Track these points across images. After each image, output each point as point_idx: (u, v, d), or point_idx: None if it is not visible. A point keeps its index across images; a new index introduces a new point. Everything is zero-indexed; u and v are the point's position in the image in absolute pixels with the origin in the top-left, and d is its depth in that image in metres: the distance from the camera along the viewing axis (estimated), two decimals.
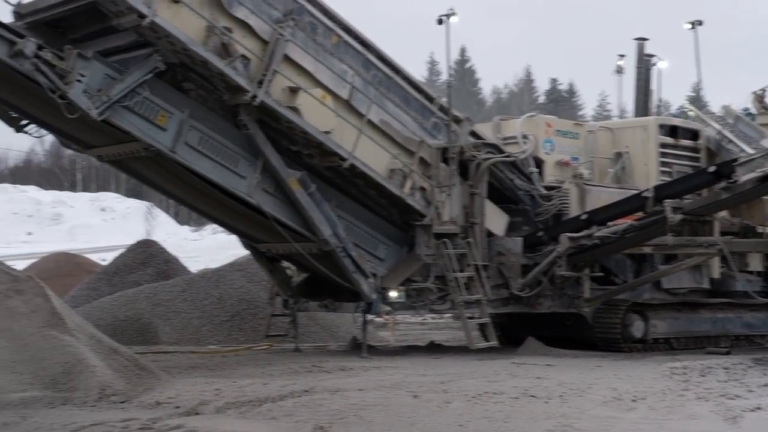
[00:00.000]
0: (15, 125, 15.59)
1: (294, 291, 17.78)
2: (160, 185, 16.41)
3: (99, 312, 19.91)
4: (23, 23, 14.45)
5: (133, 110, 14.06)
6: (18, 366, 10.59)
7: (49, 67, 13.24)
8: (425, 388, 11.84)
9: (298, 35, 15.25)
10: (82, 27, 14.54)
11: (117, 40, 14.41)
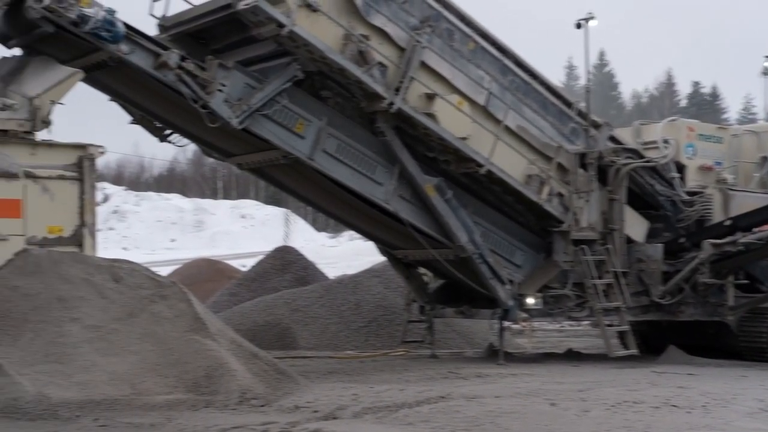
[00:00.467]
0: (159, 135, 16.01)
1: (430, 297, 17.79)
2: (298, 192, 16.62)
3: (239, 317, 20.25)
4: (167, 35, 14.82)
5: (272, 119, 14.27)
6: (163, 369, 10.84)
7: (191, 78, 13.53)
8: (563, 396, 11.70)
9: (434, 42, 15.28)
10: (223, 38, 14.83)
11: (257, 49, 14.65)
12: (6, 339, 10.68)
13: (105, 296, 11.66)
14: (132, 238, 67.73)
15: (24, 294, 11.27)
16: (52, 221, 12.21)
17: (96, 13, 12.59)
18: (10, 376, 9.99)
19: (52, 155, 12.37)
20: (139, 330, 11.34)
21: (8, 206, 11.95)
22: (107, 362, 10.73)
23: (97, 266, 12.04)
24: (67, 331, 10.99)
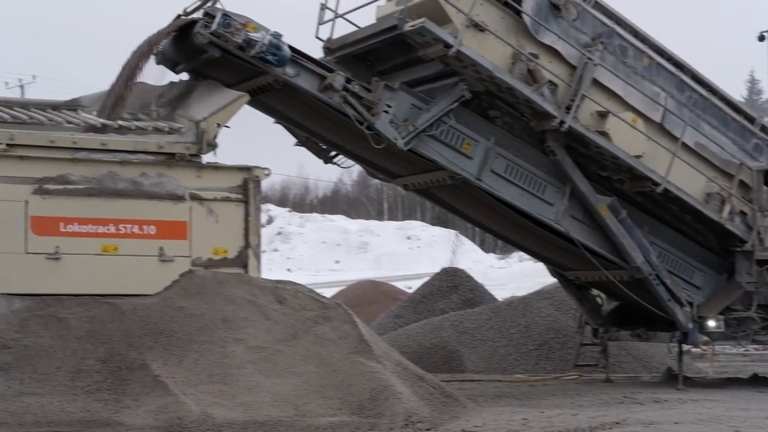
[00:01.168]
0: (324, 157, 16.05)
1: (604, 319, 17.38)
2: (465, 213, 16.42)
3: (405, 339, 20.14)
4: (333, 58, 14.85)
5: (438, 139, 14.11)
6: (327, 391, 10.75)
7: (356, 99, 13.48)
8: (748, 423, 11.15)
9: (607, 59, 14.89)
10: (389, 59, 14.77)
11: (423, 70, 14.54)
12: (172, 359, 10.78)
13: (269, 317, 11.69)
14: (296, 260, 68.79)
15: (189, 314, 11.37)
16: (217, 243, 12.29)
17: (262, 38, 12.68)
18: (175, 396, 10.07)
19: (217, 177, 12.46)
20: (302, 351, 11.31)
21: (175, 228, 12.09)
22: (271, 383, 10.72)
23: (261, 287, 12.08)
24: (231, 351, 11.04)
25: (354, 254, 71.48)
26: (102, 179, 11.85)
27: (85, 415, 9.89)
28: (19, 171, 11.54)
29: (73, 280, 11.57)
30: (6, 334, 10.65)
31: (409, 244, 73.71)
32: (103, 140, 12.05)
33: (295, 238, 73.54)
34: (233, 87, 13.33)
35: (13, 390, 10.07)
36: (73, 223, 11.68)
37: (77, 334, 10.87)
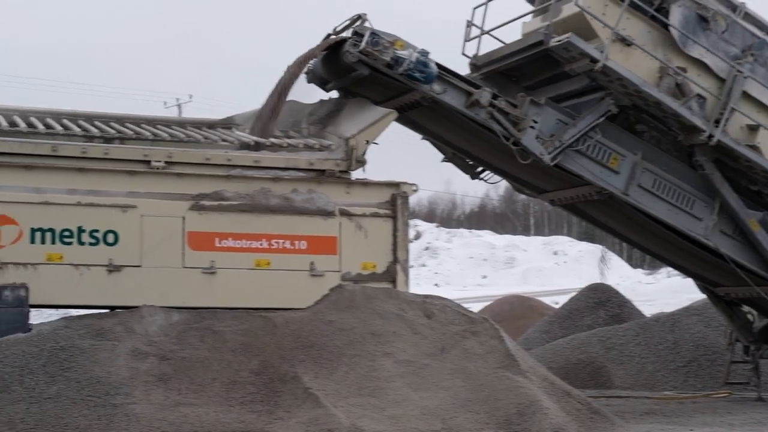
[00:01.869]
0: (471, 173, 16.13)
1: (755, 336, 16.92)
2: (612, 228, 16.26)
3: (551, 354, 20.01)
4: (479, 74, 14.93)
5: (585, 154, 14.04)
6: (473, 405, 10.82)
7: (503, 115, 13.53)
8: None
9: (758, 71, 14.58)
10: (535, 74, 14.77)
11: (568, 85, 14.51)
12: (322, 372, 11.01)
13: (417, 332, 11.82)
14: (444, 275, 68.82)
15: (339, 328, 11.60)
16: (365, 258, 12.51)
17: (409, 55, 12.86)
18: (325, 408, 10.28)
19: (366, 193, 12.69)
20: (450, 366, 11.41)
21: (325, 243, 12.36)
22: (419, 397, 10.84)
23: (409, 302, 12.23)
24: (380, 365, 11.21)
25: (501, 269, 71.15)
26: (255, 195, 12.21)
27: (239, 426, 10.19)
28: (177, 188, 11.98)
29: (228, 294, 11.95)
30: (165, 346, 11.06)
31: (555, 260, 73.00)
32: (256, 157, 12.41)
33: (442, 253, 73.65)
34: (381, 104, 13.55)
35: (171, 400, 10.45)
36: (228, 238, 12.06)
37: (232, 347, 11.21)
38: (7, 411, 9.92)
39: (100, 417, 10.04)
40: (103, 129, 12.50)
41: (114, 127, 12.68)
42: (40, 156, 11.62)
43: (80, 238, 11.55)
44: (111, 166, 11.84)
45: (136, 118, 13.57)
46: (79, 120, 12.95)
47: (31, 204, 11.40)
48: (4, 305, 11.19)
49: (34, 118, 12.65)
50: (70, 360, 10.58)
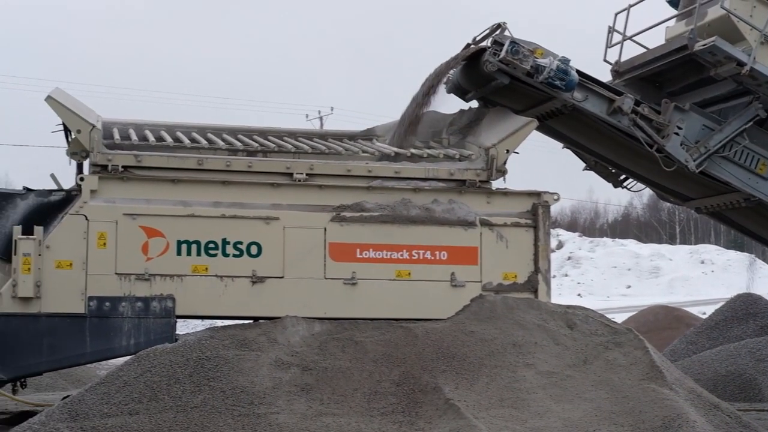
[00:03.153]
0: (613, 181, 15.90)
1: None
2: (762, 237, 15.82)
3: (699, 366, 19.51)
4: (621, 81, 14.72)
5: (731, 160, 13.71)
6: (618, 417, 10.62)
7: (646, 122, 13.31)
8: None
9: None
10: (679, 80, 14.49)
11: (714, 90, 14.19)
12: (463, 382, 10.97)
13: (559, 342, 11.68)
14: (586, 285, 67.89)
15: (480, 339, 11.54)
16: (506, 268, 12.43)
17: (550, 63, 12.75)
18: (466, 419, 10.22)
19: (507, 203, 12.62)
20: (593, 377, 11.23)
21: (466, 253, 12.32)
22: (561, 409, 10.70)
23: (551, 312, 12.10)
24: (522, 376, 11.10)
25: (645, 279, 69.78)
26: (396, 206, 12.26)
27: None
28: (319, 199, 12.12)
29: (369, 305, 12.01)
30: (307, 357, 11.18)
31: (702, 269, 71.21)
32: (397, 168, 12.46)
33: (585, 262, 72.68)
34: (522, 113, 13.46)
35: (313, 410, 10.55)
36: (369, 249, 12.13)
37: (373, 357, 11.26)
38: (156, 419, 10.17)
39: (244, 426, 10.20)
40: (247, 142, 12.74)
41: (257, 141, 12.91)
42: (186, 170, 11.90)
43: (224, 249, 11.78)
44: (254, 178, 12.04)
45: (278, 131, 13.79)
46: (224, 134, 13.23)
47: (178, 217, 11.68)
48: (152, 316, 11.50)
49: (180, 132, 12.97)
50: (215, 370, 10.78)
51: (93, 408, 10.27)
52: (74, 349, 11.35)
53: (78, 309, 11.35)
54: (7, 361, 11.22)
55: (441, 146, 13.47)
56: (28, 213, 11.58)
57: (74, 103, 12.08)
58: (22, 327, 11.23)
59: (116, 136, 12.30)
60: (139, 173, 11.78)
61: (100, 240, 11.47)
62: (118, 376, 10.66)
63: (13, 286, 11.21)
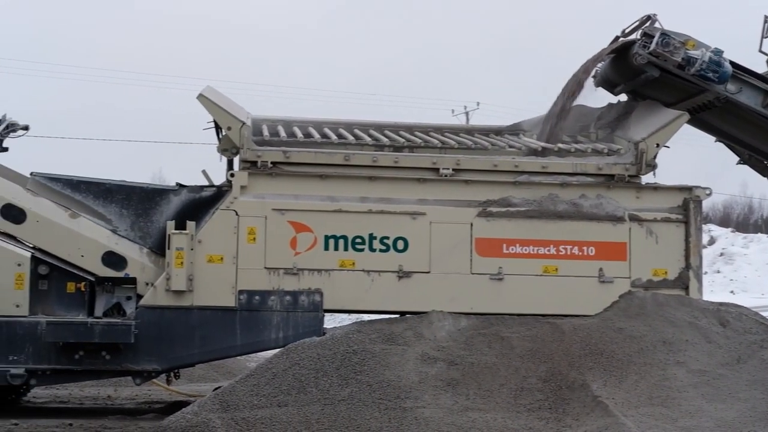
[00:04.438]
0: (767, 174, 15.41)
1: None
2: None
3: None
4: None
5: None
6: None
7: None
8: None
9: None
10: None
11: None
12: (611, 380, 10.81)
13: (711, 340, 11.41)
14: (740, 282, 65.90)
15: (629, 336, 11.36)
16: (656, 264, 12.18)
17: (702, 55, 12.44)
18: (615, 417, 10.07)
19: (656, 198, 12.37)
20: (747, 376, 10.93)
21: (614, 249, 12.13)
22: (714, 408, 10.45)
23: (702, 310, 11.82)
24: (672, 374, 10.88)
25: None
26: (543, 201, 12.15)
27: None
28: (465, 194, 12.10)
29: (515, 300, 11.94)
30: (454, 352, 11.18)
31: None
32: (544, 163, 12.35)
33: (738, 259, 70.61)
34: (672, 106, 13.16)
35: (459, 405, 10.54)
36: (515, 245, 12.05)
37: (519, 353, 11.19)
38: (304, 411, 10.32)
39: (390, 420, 10.27)
40: (393, 138, 12.80)
41: (403, 136, 12.96)
42: (333, 165, 12.03)
43: (371, 245, 11.87)
44: (401, 174, 12.10)
45: (424, 126, 13.82)
46: (370, 129, 13.32)
47: (325, 212, 11.82)
48: (300, 309, 11.67)
49: (327, 128, 13.12)
50: (362, 363, 10.88)
51: (243, 399, 10.49)
52: (225, 341, 11.61)
53: (229, 302, 11.61)
54: (162, 352, 11.56)
55: (589, 140, 13.29)
56: (180, 208, 11.91)
57: (225, 101, 12.35)
58: (175, 319, 11.55)
59: (265, 132, 12.53)
60: (288, 169, 11.97)
61: (249, 235, 11.70)
62: (267, 369, 10.87)
63: (167, 279, 11.53)
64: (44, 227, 11.67)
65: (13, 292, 11.41)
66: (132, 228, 11.94)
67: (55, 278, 11.68)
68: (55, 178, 12.10)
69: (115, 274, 11.71)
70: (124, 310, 11.73)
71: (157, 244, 11.86)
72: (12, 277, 11.42)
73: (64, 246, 11.65)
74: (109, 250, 11.72)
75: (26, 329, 11.36)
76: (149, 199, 12.00)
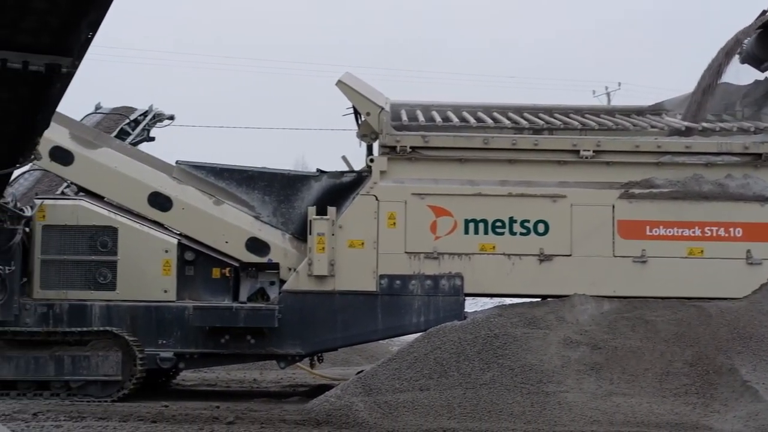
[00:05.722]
0: None
1: None
2: None
3: None
4: None
5: None
6: None
7: None
8: None
9: None
10: None
11: None
12: (761, 364, 10.53)
13: None
14: None
15: None
16: None
17: None
18: (765, 402, 9.80)
19: None
20: None
21: (763, 230, 11.78)
22: None
23: None
24: None
25: None
26: (687, 182, 11.87)
27: (673, 418, 9.95)
28: (606, 176, 11.92)
29: (659, 283, 11.71)
30: (596, 335, 11.03)
31: None
32: (687, 143, 12.06)
33: None
34: None
35: (603, 389, 10.41)
36: (659, 227, 11.82)
37: (665, 337, 10.98)
38: (446, 395, 10.33)
39: (533, 404, 10.21)
40: (532, 120, 12.68)
41: (543, 118, 12.82)
42: (472, 149, 11.99)
43: (512, 228, 11.80)
44: (540, 156, 11.99)
45: (564, 108, 13.65)
46: (509, 112, 13.22)
47: (465, 196, 11.80)
48: (441, 293, 11.68)
49: (466, 112, 13.08)
50: (503, 347, 10.84)
51: (385, 383, 10.56)
52: (367, 325, 11.71)
53: (370, 287, 11.70)
54: (305, 336, 11.72)
55: (734, 119, 12.92)
56: (321, 194, 12.05)
57: (363, 87, 12.42)
58: (317, 304, 11.70)
59: (404, 117, 12.56)
60: (427, 153, 11.98)
61: (389, 219, 11.76)
62: (409, 353, 10.92)
63: (309, 264, 11.68)
64: (190, 214, 11.96)
65: (161, 278, 11.73)
66: (274, 214, 12.14)
67: (201, 264, 11.97)
68: (200, 166, 12.38)
69: (259, 259, 11.92)
70: (268, 295, 11.93)
71: (298, 230, 12.03)
72: (160, 264, 11.75)
73: (209, 232, 11.92)
74: (253, 236, 11.94)
75: (174, 314, 11.67)
76: (291, 185, 12.18)
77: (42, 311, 11.58)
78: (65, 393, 11.30)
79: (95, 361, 11.38)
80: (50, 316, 11.58)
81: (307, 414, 10.17)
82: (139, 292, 11.69)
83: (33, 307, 11.57)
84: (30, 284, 11.68)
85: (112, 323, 11.57)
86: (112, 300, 11.67)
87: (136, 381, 11.39)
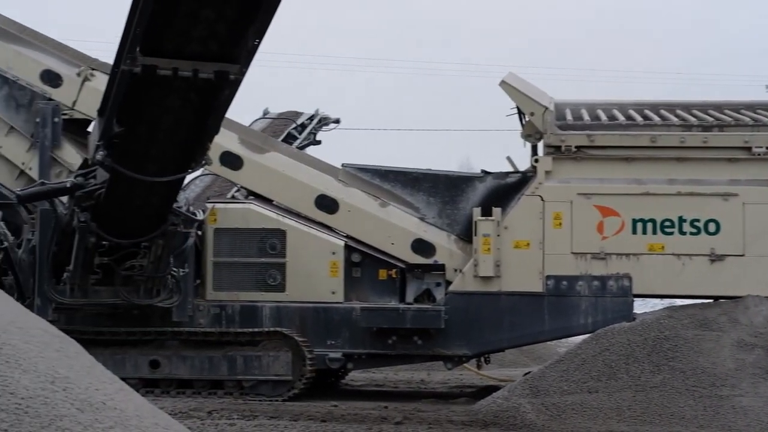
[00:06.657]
0: None
1: None
2: None
3: None
4: None
5: None
6: None
7: None
8: None
9: None
10: None
11: None
12: None
13: None
14: None
15: None
16: None
17: None
18: None
19: None
20: None
21: None
22: None
23: None
24: None
25: None
26: None
27: None
28: None
29: None
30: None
31: None
32: None
33: None
34: None
35: None
36: None
37: None
38: (615, 398, 10.18)
39: (705, 408, 9.96)
40: (701, 117, 12.38)
41: (712, 115, 12.50)
42: (639, 147, 11.78)
43: (681, 227, 11.55)
44: (710, 154, 11.70)
45: (734, 104, 13.26)
46: (677, 110, 12.94)
47: (632, 195, 11.61)
48: (608, 294, 11.52)
49: (632, 110, 12.86)
50: (674, 350, 10.61)
51: (553, 385, 10.47)
52: (533, 326, 11.64)
53: (536, 288, 11.63)
54: (471, 337, 11.74)
55: None
56: (486, 195, 12.03)
57: (527, 87, 12.35)
58: (483, 305, 11.69)
59: (568, 116, 12.43)
60: (592, 152, 11.84)
61: (555, 220, 11.66)
62: (576, 354, 10.80)
63: (475, 265, 11.69)
64: (356, 216, 12.12)
65: (329, 279, 11.92)
66: (439, 215, 12.19)
67: (368, 265, 12.10)
68: (365, 169, 12.53)
69: (425, 260, 12.00)
70: (434, 296, 11.98)
71: (463, 231, 12.05)
72: (327, 265, 11.94)
73: (375, 234, 12.05)
74: (419, 238, 12.02)
75: (342, 315, 11.84)
76: (455, 187, 12.21)
77: (215, 312, 11.92)
78: (238, 392, 11.59)
79: (266, 361, 11.63)
80: (222, 316, 11.91)
81: (475, 415, 10.17)
82: (308, 294, 11.90)
83: (206, 308, 11.92)
84: (203, 286, 12.03)
85: (282, 324, 11.81)
86: (282, 301, 11.92)
87: (306, 381, 11.59)
